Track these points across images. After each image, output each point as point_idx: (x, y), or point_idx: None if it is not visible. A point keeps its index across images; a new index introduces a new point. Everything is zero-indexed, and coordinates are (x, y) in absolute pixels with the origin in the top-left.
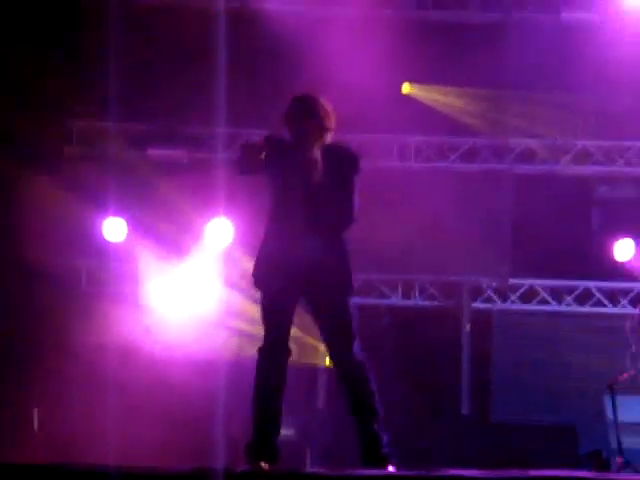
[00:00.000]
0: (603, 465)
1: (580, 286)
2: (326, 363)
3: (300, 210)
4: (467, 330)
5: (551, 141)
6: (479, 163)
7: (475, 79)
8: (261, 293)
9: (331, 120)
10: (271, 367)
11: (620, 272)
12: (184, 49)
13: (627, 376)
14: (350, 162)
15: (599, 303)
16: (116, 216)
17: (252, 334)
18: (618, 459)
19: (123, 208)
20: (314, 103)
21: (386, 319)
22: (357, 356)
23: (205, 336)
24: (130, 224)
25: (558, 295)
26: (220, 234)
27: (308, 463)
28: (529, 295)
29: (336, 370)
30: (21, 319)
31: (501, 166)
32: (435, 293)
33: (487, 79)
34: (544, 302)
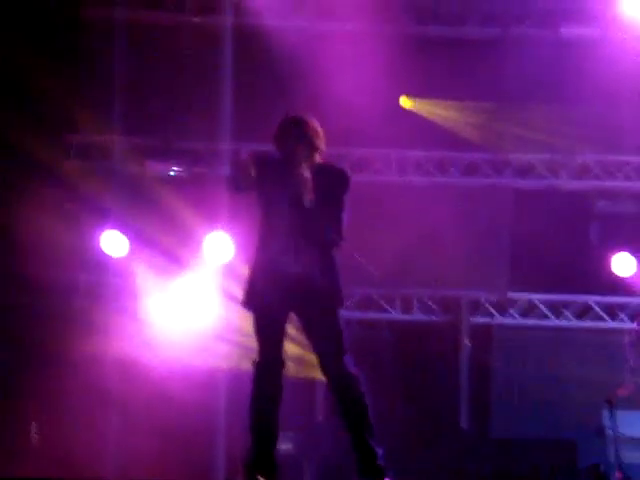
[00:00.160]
0: (601, 479)
1: (579, 300)
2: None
3: (290, 227)
4: (466, 344)
5: (550, 156)
6: (479, 178)
7: (474, 94)
8: (252, 310)
9: (321, 140)
10: (266, 380)
11: (619, 287)
12: (184, 65)
13: (626, 390)
14: (340, 180)
15: (598, 317)
16: (115, 230)
17: (251, 348)
18: (617, 474)
19: (123, 222)
20: (303, 124)
21: (385, 333)
22: (348, 368)
23: (204, 350)
24: (130, 238)
25: (557, 309)
26: (220, 248)
27: (307, 478)
28: (528, 309)
29: (327, 381)
30: (20, 333)
31: (501, 181)
32: (434, 307)
33: (486, 94)
34: (543, 316)
